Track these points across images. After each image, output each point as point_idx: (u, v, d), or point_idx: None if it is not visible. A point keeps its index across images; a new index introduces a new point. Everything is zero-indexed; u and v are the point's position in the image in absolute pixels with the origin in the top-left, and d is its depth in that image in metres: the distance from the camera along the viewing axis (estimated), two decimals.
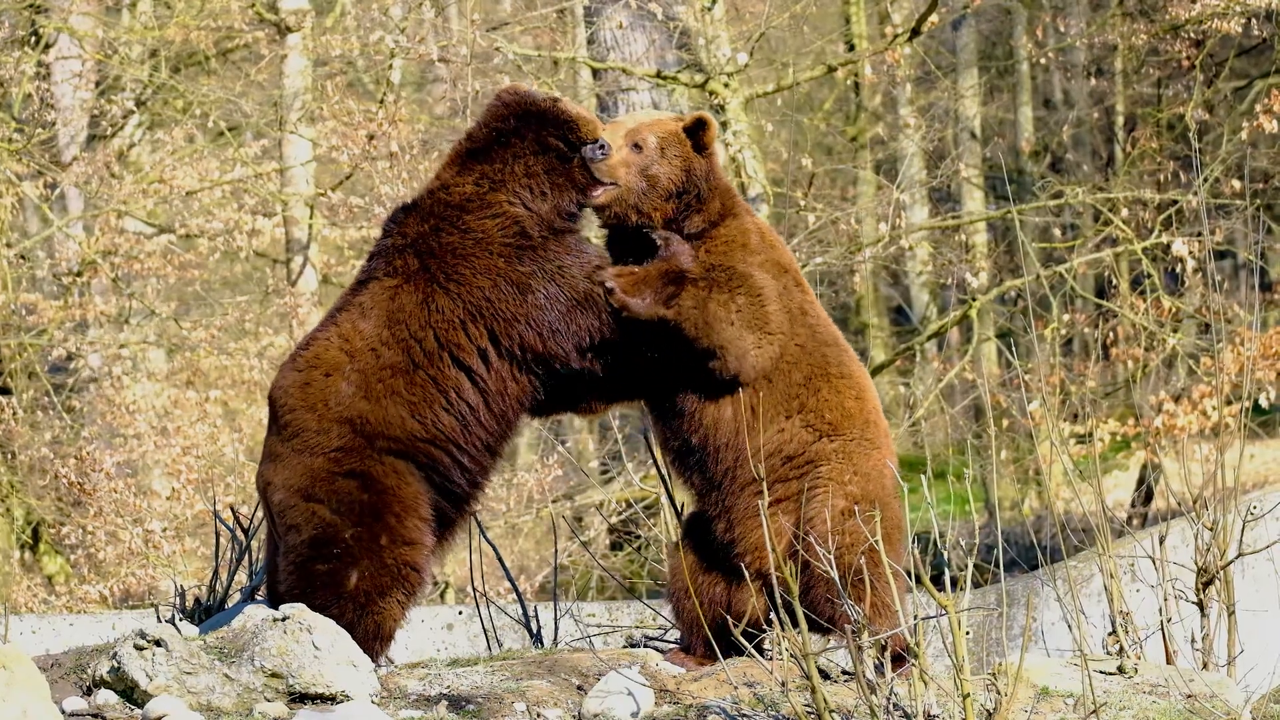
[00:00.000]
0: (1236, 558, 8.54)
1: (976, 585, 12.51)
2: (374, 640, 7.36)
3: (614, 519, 20.16)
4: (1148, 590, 9.11)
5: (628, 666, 7.47)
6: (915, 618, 6.97)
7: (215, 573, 8.75)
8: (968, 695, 6.71)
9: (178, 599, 8.63)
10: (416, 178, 19.77)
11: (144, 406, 20.49)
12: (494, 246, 7.51)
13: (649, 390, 7.79)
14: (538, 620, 9.40)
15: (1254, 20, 20.37)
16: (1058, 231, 24.02)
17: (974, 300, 20.35)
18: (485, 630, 9.46)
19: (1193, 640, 8.61)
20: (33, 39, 21.37)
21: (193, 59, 22.93)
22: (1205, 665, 8.51)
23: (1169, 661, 8.40)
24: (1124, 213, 20.20)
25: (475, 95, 19.42)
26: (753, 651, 7.21)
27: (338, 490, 7.37)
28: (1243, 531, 8.58)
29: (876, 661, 7.06)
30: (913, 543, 7.59)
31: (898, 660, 7.31)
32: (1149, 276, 19.91)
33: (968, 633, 6.89)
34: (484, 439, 7.58)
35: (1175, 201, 20.09)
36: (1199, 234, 19.49)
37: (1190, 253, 19.33)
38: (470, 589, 11.25)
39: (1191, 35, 21.53)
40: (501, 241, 7.52)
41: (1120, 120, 26.52)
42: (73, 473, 18.90)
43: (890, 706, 6.93)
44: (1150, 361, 20.11)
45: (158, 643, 7.02)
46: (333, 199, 21.52)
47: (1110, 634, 8.44)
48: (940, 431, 22.10)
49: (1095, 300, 21.72)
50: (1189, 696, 7.67)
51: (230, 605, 8.32)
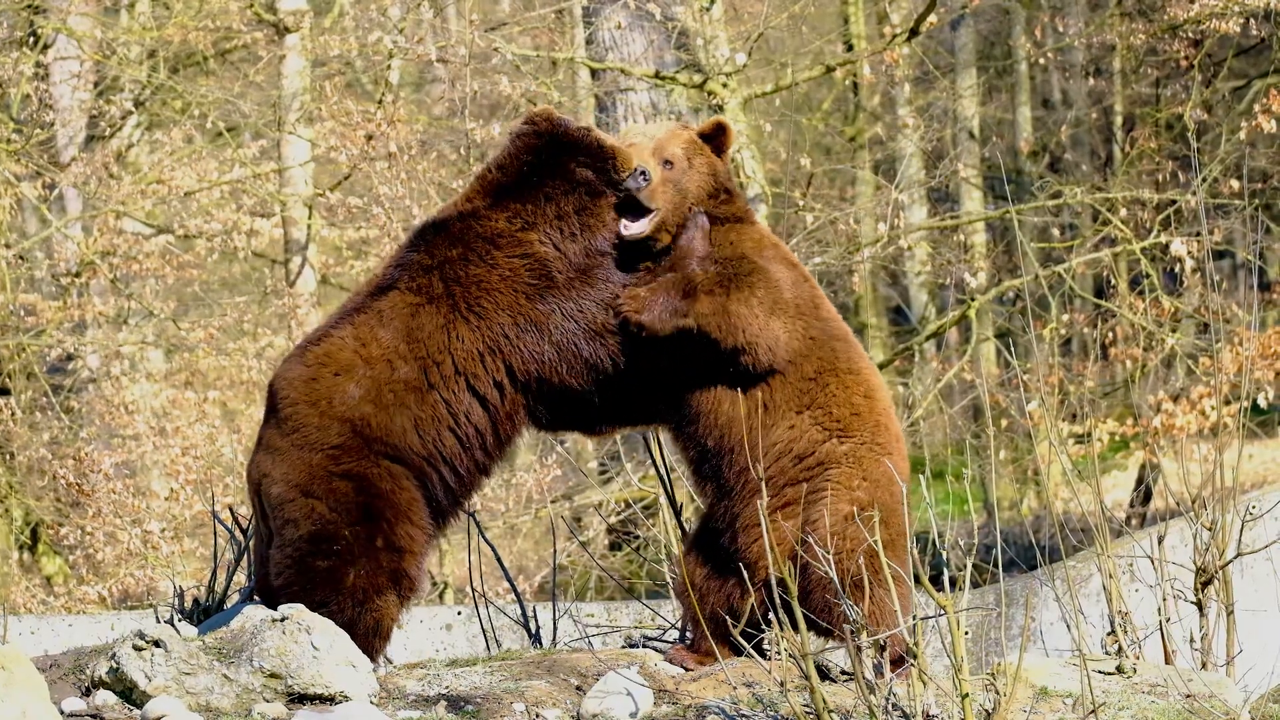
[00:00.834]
0: (1235, 558, 8.54)
1: (975, 585, 12.50)
2: (373, 637, 7.36)
3: (613, 519, 20.15)
4: (1146, 590, 9.11)
5: (626, 667, 7.47)
6: (915, 617, 6.97)
7: (214, 573, 8.74)
8: (966, 695, 6.71)
9: (176, 599, 8.62)
10: (415, 178, 19.77)
11: (142, 407, 20.48)
12: (519, 285, 7.58)
13: (664, 406, 7.80)
14: (536, 620, 9.40)
15: (1252, 20, 20.37)
16: (1056, 231, 24.01)
17: (973, 300, 20.35)
18: (484, 630, 9.46)
19: (1191, 640, 8.61)
20: (31, 39, 21.36)
21: (191, 59, 22.92)
22: (1204, 665, 8.51)
23: (1168, 661, 8.40)
24: (1123, 213, 20.20)
25: (474, 96, 19.42)
26: (751, 652, 7.21)
27: (335, 490, 7.38)
28: (1241, 531, 8.58)
29: (875, 662, 7.06)
30: (911, 543, 7.58)
31: (898, 663, 7.30)
32: (1148, 276, 19.90)
33: (966, 633, 6.90)
34: (481, 461, 7.65)
35: (1174, 201, 20.09)
36: (1197, 234, 19.49)
37: (1189, 253, 19.32)
38: (469, 589, 11.26)
39: (1190, 35, 21.52)
40: (527, 281, 7.59)
41: (1119, 120, 26.51)
42: (71, 473, 18.88)
43: (889, 706, 6.93)
44: (1149, 361, 20.11)
45: (156, 643, 7.01)
46: (331, 199, 21.51)
47: (1109, 634, 8.44)
48: (939, 431, 22.10)
49: (1094, 300, 21.71)
50: (1188, 696, 7.67)
51: (229, 606, 8.32)
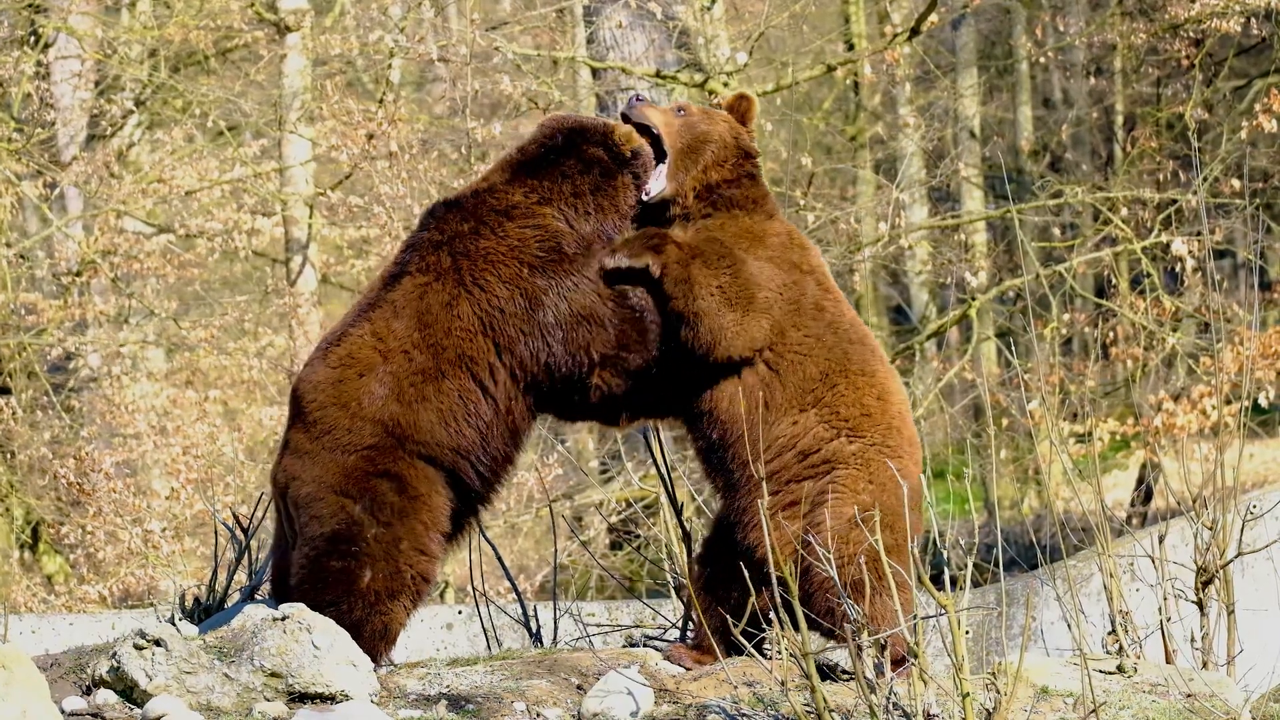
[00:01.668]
0: (1236, 557, 8.54)
1: (976, 585, 12.50)
2: (379, 640, 7.37)
3: (613, 518, 20.16)
4: (1147, 589, 9.11)
5: (627, 666, 7.47)
6: (915, 617, 6.97)
7: (214, 572, 8.74)
8: (967, 695, 6.71)
9: (177, 599, 8.62)
10: (416, 177, 19.77)
11: (143, 406, 20.48)
12: (525, 255, 7.53)
13: (667, 399, 7.76)
14: (537, 620, 9.40)
15: (1253, 19, 20.38)
16: (1057, 231, 24.01)
17: (973, 300, 20.35)
18: (485, 630, 9.46)
19: (1192, 639, 8.61)
20: (32, 38, 21.36)
21: (192, 59, 22.92)
22: (1205, 664, 8.51)
23: (1168, 661, 8.40)
24: (1123, 212, 20.20)
25: (475, 95, 19.42)
26: (752, 651, 7.21)
27: (372, 489, 7.38)
28: (1242, 531, 8.58)
29: (875, 662, 7.05)
30: (913, 546, 7.57)
31: (899, 664, 7.29)
32: (1148, 276, 19.91)
33: (967, 632, 6.90)
34: (500, 451, 7.63)
35: (1175, 201, 20.09)
36: (1198, 233, 19.49)
37: (1190, 252, 19.33)
38: (470, 588, 11.26)
39: (1191, 34, 21.53)
40: (535, 253, 7.55)
41: (1120, 120, 26.51)
42: (72, 473, 18.89)
43: (890, 706, 6.93)
44: (1150, 361, 20.11)
45: (157, 642, 7.01)
46: (332, 198, 21.51)
47: (1110, 633, 8.44)
48: (940, 431, 22.10)
49: (1095, 300, 21.71)
50: (1188, 696, 7.67)
51: (230, 605, 8.32)
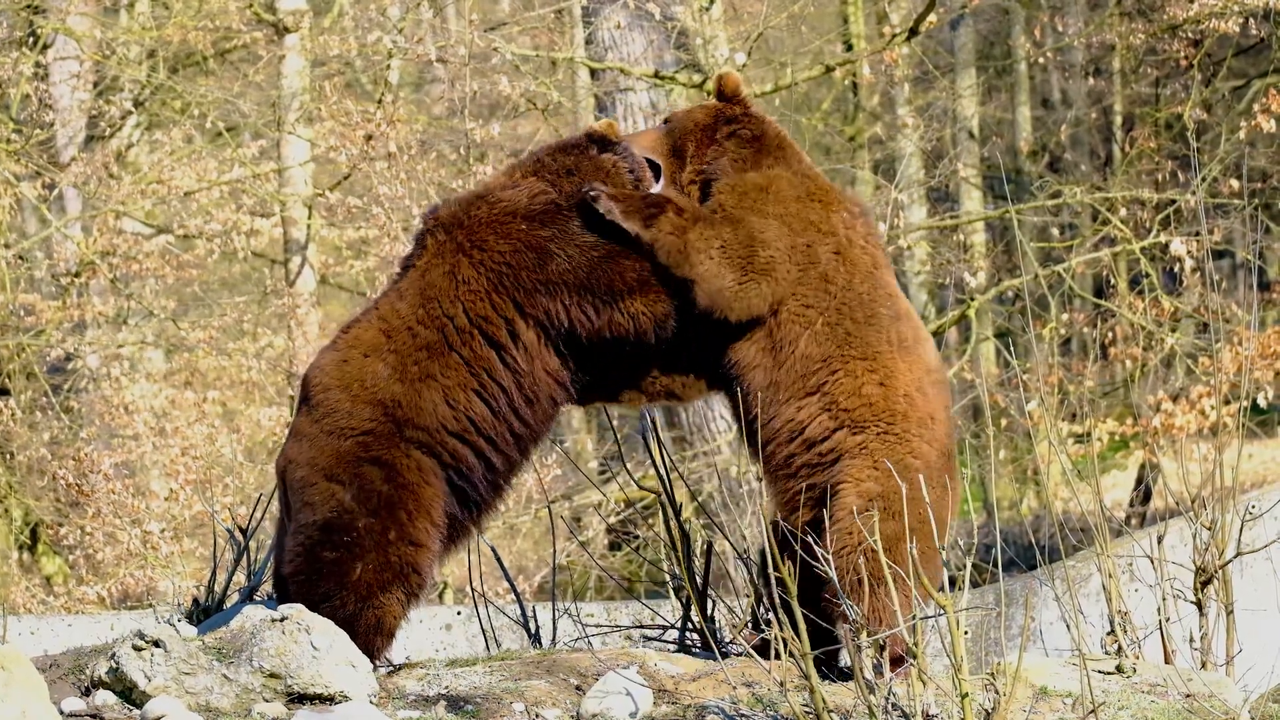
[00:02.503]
0: (1235, 557, 8.55)
1: (975, 585, 12.51)
2: (375, 635, 7.33)
3: (612, 519, 20.16)
4: (1146, 590, 9.11)
5: (626, 667, 7.47)
6: (914, 617, 6.97)
7: (213, 573, 8.75)
8: (966, 695, 6.71)
9: (176, 599, 8.62)
10: (415, 178, 19.77)
11: (142, 407, 20.48)
12: (520, 211, 7.50)
13: (696, 364, 7.65)
14: (536, 620, 9.40)
15: (1252, 20, 20.38)
16: (1056, 231, 24.02)
17: (972, 300, 20.36)
18: (484, 630, 9.45)
19: (1191, 640, 8.61)
20: (30, 39, 21.36)
21: (191, 59, 22.92)
22: (1204, 665, 8.51)
23: (1167, 661, 8.40)
24: (1122, 212, 20.21)
25: (473, 96, 19.42)
26: (751, 651, 7.21)
27: (361, 475, 7.35)
28: (1241, 531, 8.58)
29: (874, 661, 7.05)
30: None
31: (897, 663, 7.27)
32: (1147, 276, 19.92)
33: (966, 632, 6.90)
34: (516, 428, 7.51)
35: (1173, 201, 20.10)
36: (1197, 233, 19.50)
37: (1188, 252, 19.34)
38: (469, 589, 11.25)
39: (1189, 35, 21.53)
40: (529, 208, 7.51)
41: (1118, 120, 26.52)
42: (71, 474, 18.88)
43: (889, 707, 6.93)
44: (1148, 361, 20.12)
45: (156, 643, 7.01)
46: (331, 199, 21.51)
47: (1109, 634, 8.45)
48: None
49: (1094, 300, 21.72)
50: (1187, 696, 7.67)
51: (229, 606, 8.32)
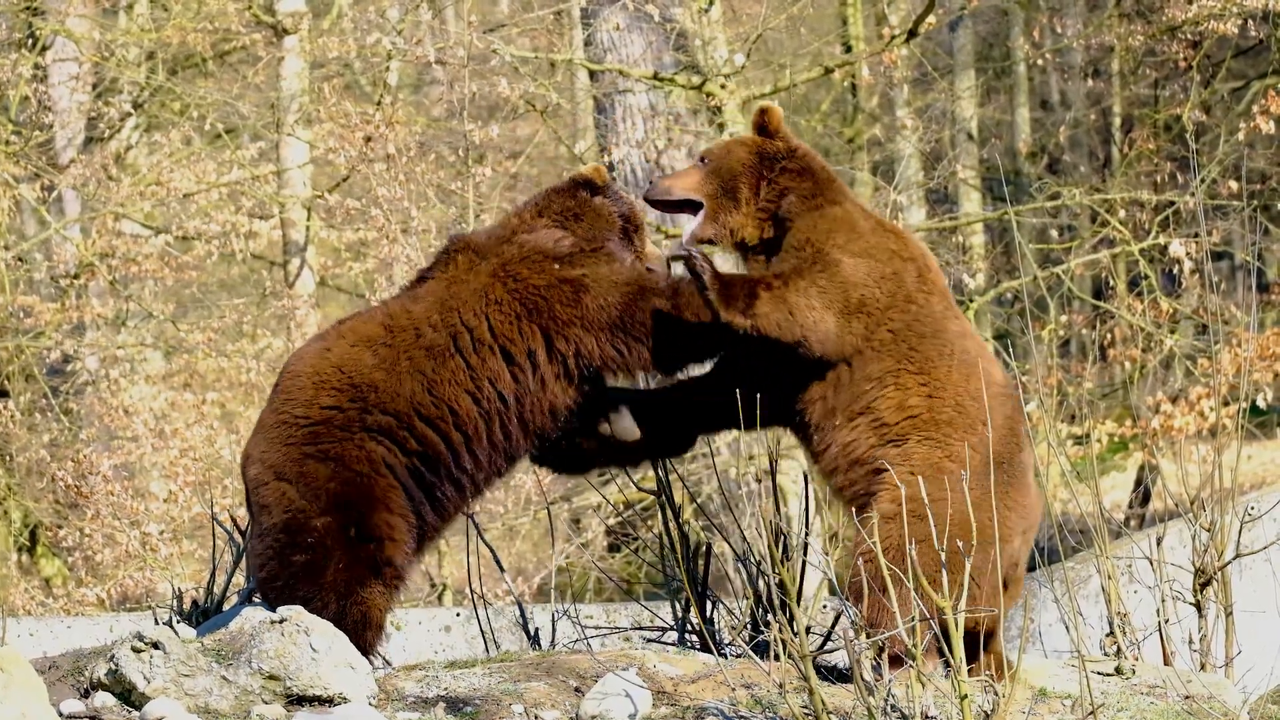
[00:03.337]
0: (1234, 559, 8.55)
1: None
2: (363, 630, 7.30)
3: (611, 521, 20.16)
4: (1145, 591, 9.11)
5: (625, 668, 7.47)
6: (914, 618, 6.97)
7: (212, 575, 8.74)
8: (965, 696, 6.71)
9: (175, 601, 8.62)
10: (413, 179, 19.78)
11: (141, 409, 20.48)
12: (548, 252, 7.57)
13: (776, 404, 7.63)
14: (535, 622, 9.40)
15: (1251, 21, 20.39)
16: (1055, 233, 24.03)
17: (971, 301, 20.35)
18: (483, 632, 9.45)
19: (1190, 641, 8.62)
20: (29, 41, 21.36)
21: (190, 61, 22.93)
22: (1203, 666, 8.51)
23: (1166, 663, 8.40)
24: (1121, 214, 20.21)
25: (472, 97, 19.42)
26: (750, 653, 7.20)
27: (306, 473, 7.33)
28: (1240, 532, 8.59)
29: (873, 662, 7.05)
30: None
31: (897, 663, 7.25)
32: (1146, 278, 19.92)
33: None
34: (497, 437, 7.52)
35: (1172, 202, 20.10)
36: (1196, 235, 19.50)
37: (1187, 254, 19.34)
38: (468, 591, 11.24)
39: (1188, 36, 21.53)
40: (555, 250, 7.59)
41: (1117, 121, 26.52)
42: (70, 475, 18.89)
43: (888, 708, 6.92)
44: (1148, 362, 20.12)
45: (155, 645, 7.01)
46: (330, 201, 21.51)
47: (1108, 635, 8.45)
48: None
49: (1093, 301, 21.72)
50: (1187, 698, 7.67)
51: (228, 607, 8.32)
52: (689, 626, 8.70)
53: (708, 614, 8.66)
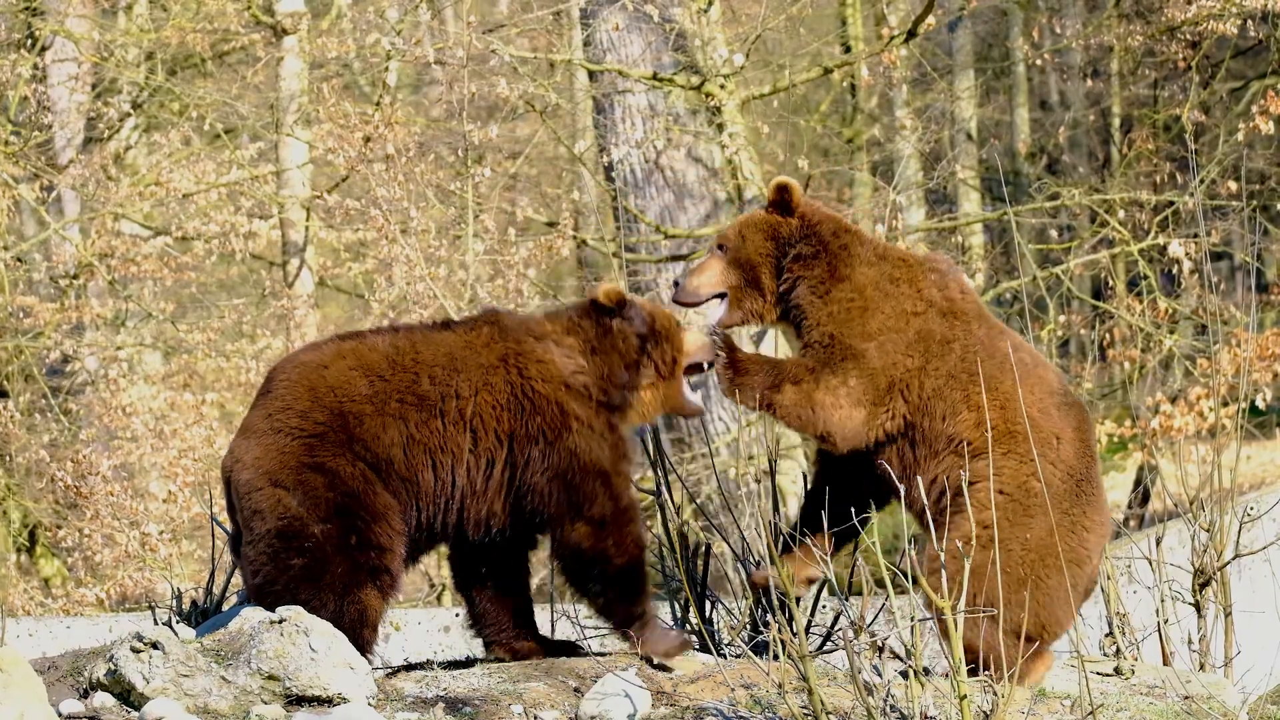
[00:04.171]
0: (1233, 559, 8.55)
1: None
2: (361, 628, 7.33)
3: None
4: (1144, 591, 9.12)
5: (624, 669, 7.47)
6: (913, 618, 6.97)
7: (212, 575, 8.75)
8: (964, 697, 6.71)
9: (174, 601, 8.62)
10: (413, 180, 19.76)
11: (140, 409, 20.48)
12: (563, 379, 7.66)
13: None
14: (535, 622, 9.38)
15: (1250, 21, 20.39)
16: (1054, 233, 24.02)
17: None
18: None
19: (1189, 641, 8.62)
20: (29, 41, 21.36)
21: (189, 61, 22.93)
22: (1202, 666, 8.52)
23: (1166, 663, 8.41)
24: (1120, 214, 20.21)
25: (471, 97, 19.41)
26: (750, 653, 7.21)
27: (304, 482, 7.35)
28: (1239, 533, 8.59)
29: (873, 663, 7.05)
30: (910, 543, 7.55)
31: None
32: (1145, 278, 19.91)
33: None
34: (435, 520, 7.61)
35: (1172, 203, 20.10)
36: (1195, 235, 19.50)
37: (1187, 254, 19.34)
38: None
39: (1188, 37, 21.53)
40: (568, 380, 7.68)
41: (1117, 122, 26.52)
42: (69, 475, 18.88)
43: (887, 709, 6.92)
44: (1147, 363, 20.11)
45: (155, 645, 7.01)
46: (329, 201, 21.50)
47: (1107, 635, 8.45)
48: None
49: (1092, 302, 21.72)
50: (1186, 698, 7.67)
51: (227, 608, 8.32)
52: (688, 626, 8.70)
53: (707, 614, 8.66)
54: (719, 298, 7.95)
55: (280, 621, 7.07)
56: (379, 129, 20.02)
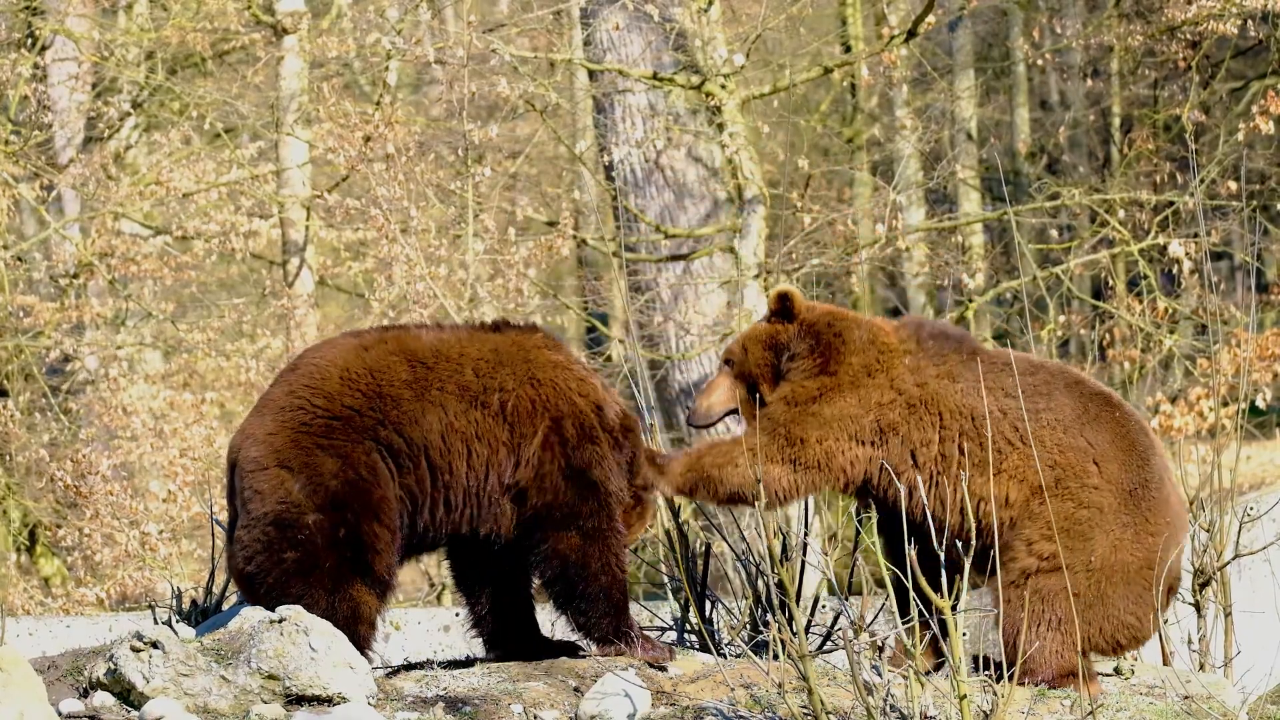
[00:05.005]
0: (1233, 559, 8.55)
1: (974, 586, 12.50)
2: (355, 624, 7.30)
3: None
4: None
5: (624, 669, 7.47)
6: (909, 620, 6.97)
7: (212, 574, 8.74)
8: (964, 696, 6.71)
9: (174, 601, 8.62)
10: (413, 179, 19.76)
11: (140, 408, 20.47)
12: (604, 397, 7.80)
13: None
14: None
15: (1250, 21, 20.38)
16: (1054, 233, 24.01)
17: (971, 302, 20.35)
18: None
19: (1189, 641, 8.62)
20: (29, 41, 21.35)
21: (189, 61, 22.92)
22: (1202, 666, 8.52)
23: (1166, 663, 8.40)
24: (1120, 214, 20.20)
25: (471, 97, 19.41)
26: (749, 653, 7.21)
27: (311, 465, 7.32)
28: (1239, 533, 8.59)
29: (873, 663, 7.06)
30: (909, 543, 7.55)
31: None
32: (1145, 278, 19.91)
33: (964, 634, 6.91)
34: (458, 519, 7.64)
35: (1172, 203, 20.10)
36: (1195, 235, 19.50)
37: (1187, 254, 19.33)
38: None
39: (1188, 36, 21.53)
40: (607, 408, 7.80)
41: (1117, 122, 26.51)
42: (69, 475, 18.87)
43: (887, 709, 6.92)
44: (1147, 363, 20.11)
45: (154, 644, 7.01)
46: (329, 201, 21.50)
47: None
48: None
49: (1092, 301, 21.72)
50: (1185, 698, 7.67)
51: (227, 607, 8.32)
52: (688, 626, 8.70)
53: (707, 614, 8.66)
54: (731, 414, 8.09)
55: (280, 621, 7.07)
56: (379, 128, 20.02)
